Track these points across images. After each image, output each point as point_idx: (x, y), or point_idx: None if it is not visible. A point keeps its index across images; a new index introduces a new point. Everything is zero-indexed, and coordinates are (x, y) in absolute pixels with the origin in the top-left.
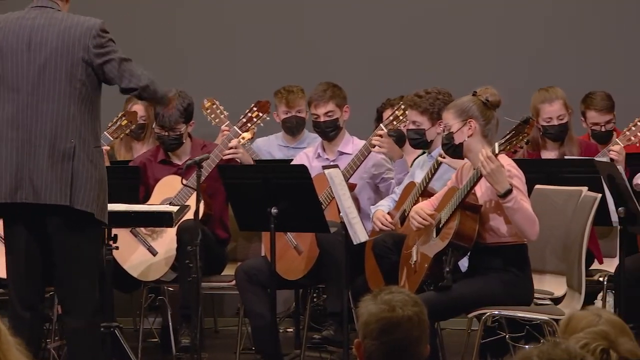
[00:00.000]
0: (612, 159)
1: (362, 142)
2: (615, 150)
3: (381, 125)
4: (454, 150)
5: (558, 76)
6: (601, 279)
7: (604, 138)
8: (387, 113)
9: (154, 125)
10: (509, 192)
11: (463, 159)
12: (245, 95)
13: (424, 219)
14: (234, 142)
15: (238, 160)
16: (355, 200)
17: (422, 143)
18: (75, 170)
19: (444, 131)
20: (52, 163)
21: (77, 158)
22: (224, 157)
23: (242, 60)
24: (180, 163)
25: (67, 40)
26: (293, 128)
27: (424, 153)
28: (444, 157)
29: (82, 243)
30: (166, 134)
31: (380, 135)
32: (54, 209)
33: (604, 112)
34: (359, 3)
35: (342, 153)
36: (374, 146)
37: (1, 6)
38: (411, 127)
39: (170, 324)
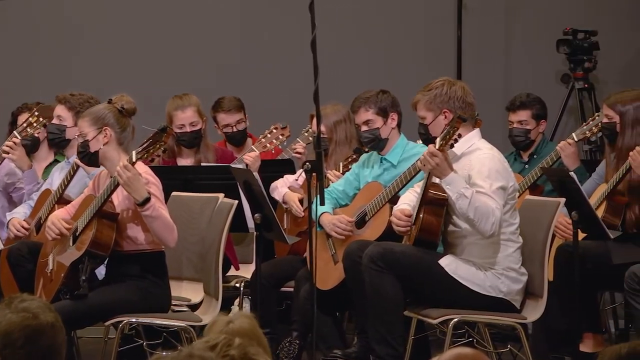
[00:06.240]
0: (247, 165)
1: None
2: (251, 157)
3: (14, 132)
4: (90, 158)
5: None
6: (238, 284)
7: (238, 139)
8: (22, 117)
9: None
10: (147, 200)
11: (99, 167)
12: None
13: (58, 229)
14: None
15: None
16: None
17: (63, 142)
18: None
19: (79, 139)
20: None
21: None
22: None
23: None
24: None
25: None
26: None
27: (56, 161)
28: None
29: None
30: None
31: (15, 142)
32: None
33: (232, 112)
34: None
35: None
36: (7, 152)
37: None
38: (55, 121)
39: None
